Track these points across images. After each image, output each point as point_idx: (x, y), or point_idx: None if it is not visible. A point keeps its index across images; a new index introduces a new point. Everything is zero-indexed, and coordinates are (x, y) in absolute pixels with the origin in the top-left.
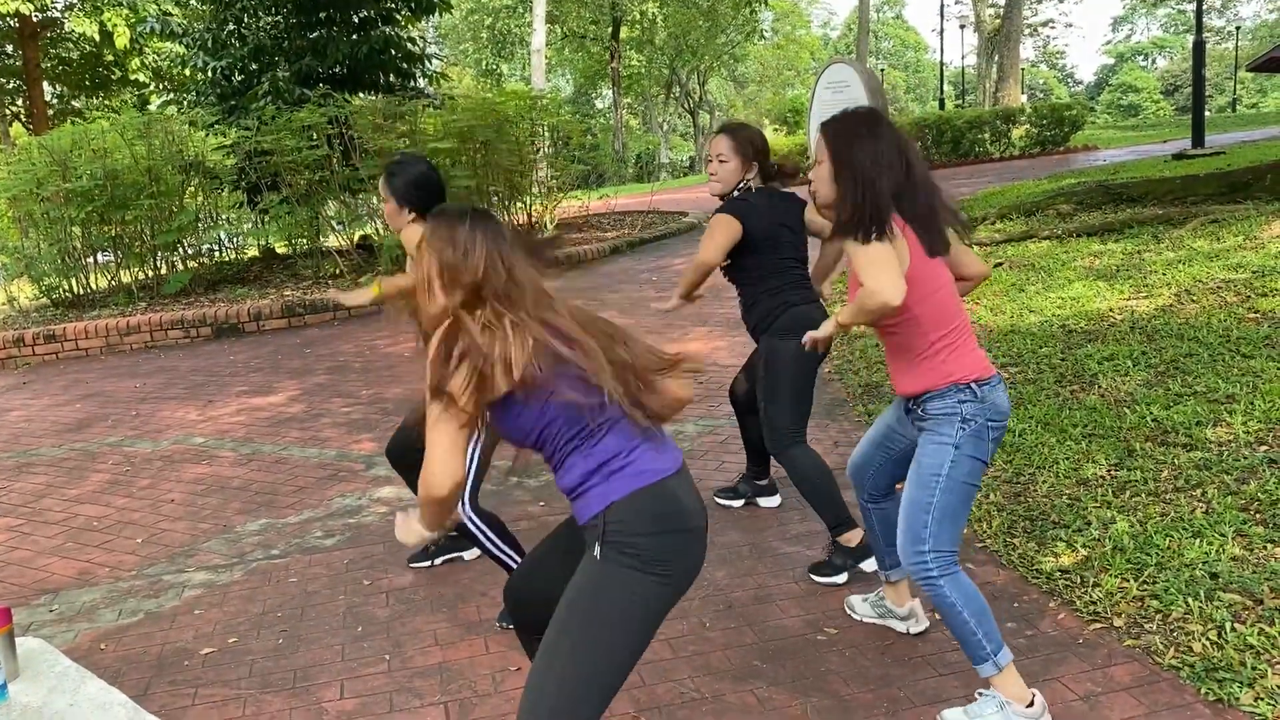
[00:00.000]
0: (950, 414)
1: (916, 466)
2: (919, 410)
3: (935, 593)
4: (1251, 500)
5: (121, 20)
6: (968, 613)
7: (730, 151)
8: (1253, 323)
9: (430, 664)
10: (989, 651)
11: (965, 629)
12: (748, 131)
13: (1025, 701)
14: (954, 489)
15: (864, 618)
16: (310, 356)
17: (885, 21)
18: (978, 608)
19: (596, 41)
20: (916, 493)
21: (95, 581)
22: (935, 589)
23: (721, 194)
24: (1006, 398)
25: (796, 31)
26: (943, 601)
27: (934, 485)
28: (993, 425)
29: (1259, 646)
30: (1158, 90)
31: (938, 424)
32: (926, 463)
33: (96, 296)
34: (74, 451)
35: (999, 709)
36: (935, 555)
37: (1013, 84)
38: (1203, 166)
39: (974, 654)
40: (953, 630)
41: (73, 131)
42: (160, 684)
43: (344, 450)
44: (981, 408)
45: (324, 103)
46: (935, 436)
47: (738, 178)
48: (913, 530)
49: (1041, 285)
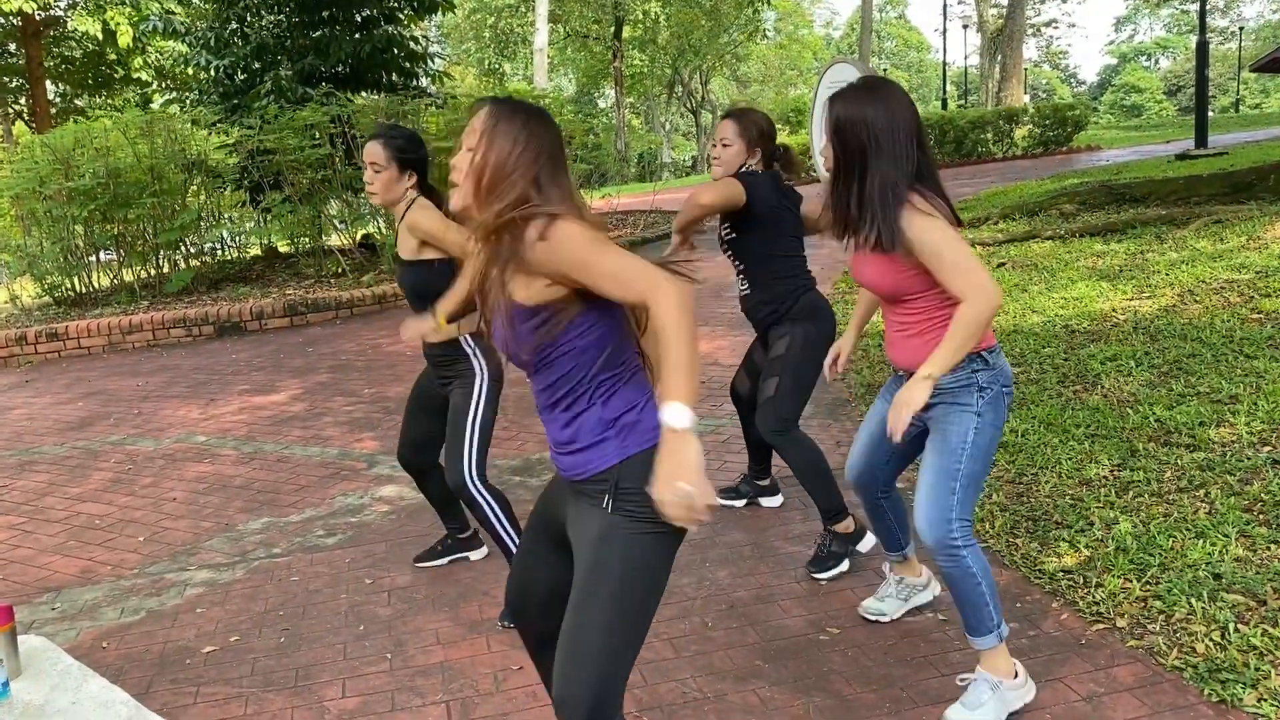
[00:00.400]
0: (967, 384)
1: (942, 437)
2: None
3: (958, 564)
4: (1255, 501)
5: (124, 19)
6: (985, 583)
7: (734, 135)
8: (1256, 323)
9: (432, 663)
10: (995, 623)
11: (981, 599)
12: (753, 116)
13: (1010, 674)
14: (979, 456)
15: (895, 615)
16: (312, 355)
17: (888, 21)
18: (991, 580)
19: (599, 41)
20: (943, 461)
21: (97, 580)
22: (959, 560)
23: (722, 178)
24: (1008, 363)
25: (799, 31)
26: (964, 572)
27: (961, 452)
28: (1006, 392)
29: (1262, 647)
30: (1161, 91)
31: (955, 395)
32: (952, 430)
33: (99, 295)
34: (76, 450)
35: (992, 690)
36: (961, 524)
37: (1015, 84)
38: (1206, 167)
39: (981, 624)
40: (967, 600)
41: (75, 130)
42: (162, 682)
43: (346, 449)
44: (995, 374)
45: (326, 102)
46: (956, 407)
47: (740, 161)
48: (940, 500)
49: (1044, 285)
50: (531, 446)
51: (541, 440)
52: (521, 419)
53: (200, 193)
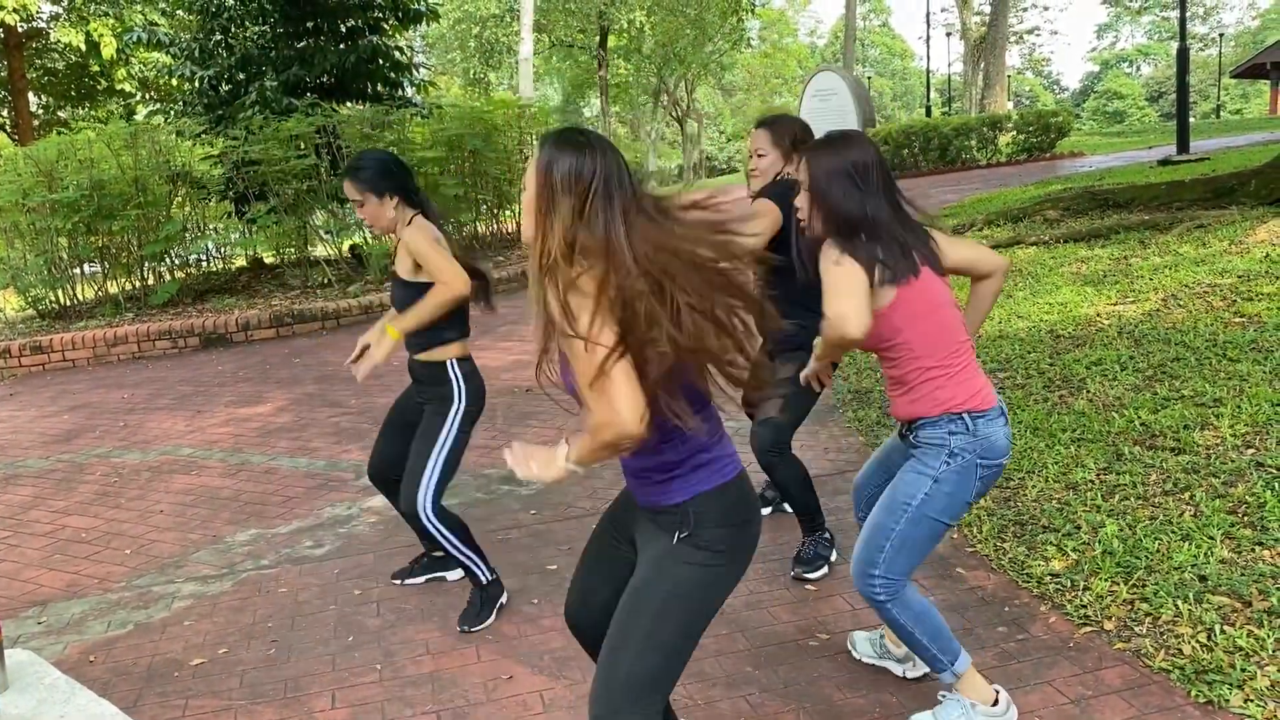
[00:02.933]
0: (939, 445)
1: (891, 490)
2: (911, 437)
3: (884, 613)
4: (1239, 503)
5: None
6: (918, 630)
7: (769, 144)
8: (1239, 327)
9: (422, 673)
10: (945, 663)
11: (919, 645)
12: (785, 122)
13: (989, 701)
14: (920, 522)
15: (864, 657)
16: (298, 366)
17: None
18: (929, 625)
19: (584, 50)
20: (882, 517)
21: (84, 593)
22: (884, 610)
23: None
24: (1007, 435)
25: (783, 40)
26: (892, 620)
27: (901, 514)
28: (983, 464)
29: (1248, 648)
30: (1142, 97)
31: (924, 453)
32: (901, 489)
33: (83, 307)
34: (61, 463)
35: (963, 712)
36: (884, 581)
37: (999, 91)
38: (1188, 172)
39: (932, 666)
40: (907, 646)
41: (59, 142)
42: (150, 695)
43: (333, 460)
44: (972, 442)
45: (312, 112)
46: (917, 465)
47: (778, 169)
48: (868, 552)
49: (1029, 291)
50: None
51: None
52: (510, 428)
53: (185, 204)
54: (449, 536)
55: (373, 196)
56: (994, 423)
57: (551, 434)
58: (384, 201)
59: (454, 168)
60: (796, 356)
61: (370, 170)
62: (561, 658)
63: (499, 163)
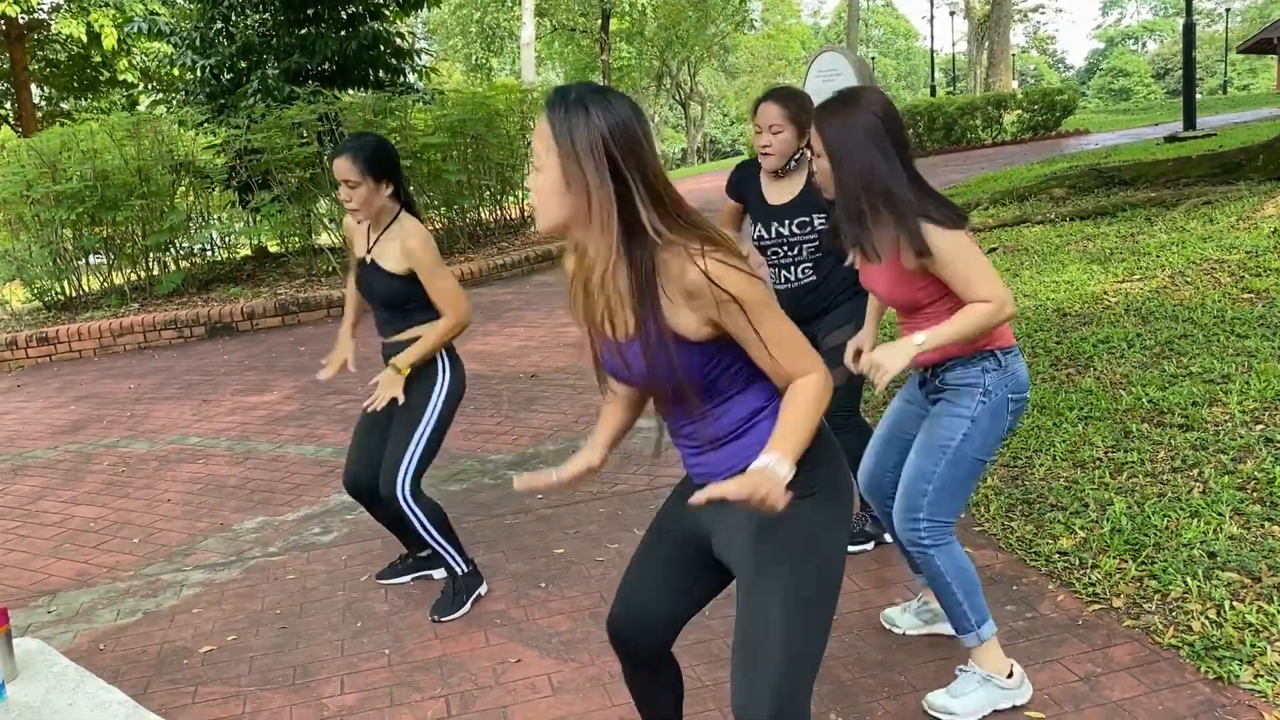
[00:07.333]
0: (972, 384)
1: (926, 435)
2: (936, 381)
3: (927, 563)
4: (1248, 479)
5: (108, 21)
6: (956, 584)
7: (784, 120)
8: (1247, 303)
9: (430, 657)
10: (973, 623)
11: (952, 600)
12: (799, 96)
13: (1004, 673)
14: (960, 462)
15: (909, 630)
16: (304, 354)
17: (875, 9)
18: (967, 581)
19: (586, 34)
20: (921, 461)
21: (93, 582)
22: (927, 560)
23: (778, 168)
24: (1026, 370)
25: (786, 21)
26: (934, 572)
27: (941, 456)
28: (1013, 399)
29: (1258, 624)
30: (1149, 74)
31: (956, 394)
32: (937, 432)
33: (89, 298)
34: (69, 453)
35: (980, 684)
36: (929, 524)
37: (1003, 70)
38: (1195, 148)
39: (958, 625)
40: (939, 600)
41: (62, 133)
42: (159, 683)
43: (340, 447)
44: (1004, 378)
45: (314, 100)
46: (952, 408)
47: (793, 147)
48: (910, 497)
49: (1036, 269)
50: (525, 440)
51: (536, 434)
52: (516, 413)
53: (189, 194)
54: (425, 522)
55: (371, 180)
56: (1017, 358)
57: (558, 418)
58: (380, 187)
59: (457, 154)
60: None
61: (371, 148)
62: (569, 640)
63: (501, 148)
